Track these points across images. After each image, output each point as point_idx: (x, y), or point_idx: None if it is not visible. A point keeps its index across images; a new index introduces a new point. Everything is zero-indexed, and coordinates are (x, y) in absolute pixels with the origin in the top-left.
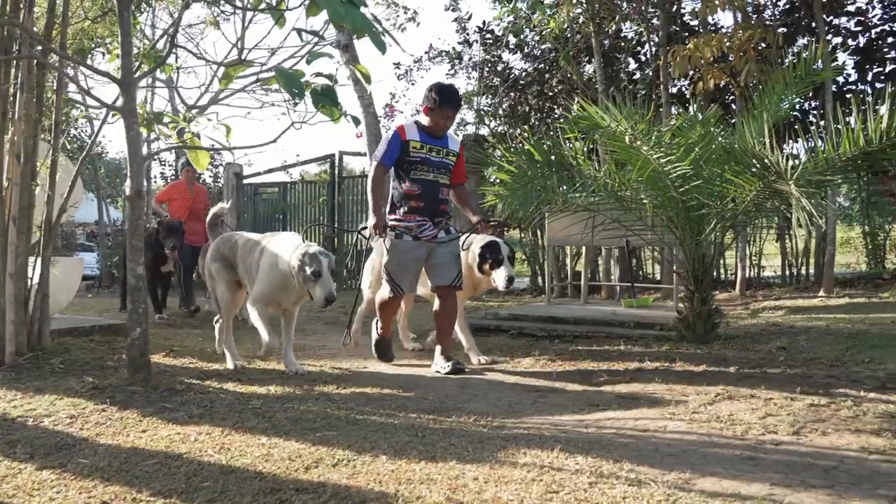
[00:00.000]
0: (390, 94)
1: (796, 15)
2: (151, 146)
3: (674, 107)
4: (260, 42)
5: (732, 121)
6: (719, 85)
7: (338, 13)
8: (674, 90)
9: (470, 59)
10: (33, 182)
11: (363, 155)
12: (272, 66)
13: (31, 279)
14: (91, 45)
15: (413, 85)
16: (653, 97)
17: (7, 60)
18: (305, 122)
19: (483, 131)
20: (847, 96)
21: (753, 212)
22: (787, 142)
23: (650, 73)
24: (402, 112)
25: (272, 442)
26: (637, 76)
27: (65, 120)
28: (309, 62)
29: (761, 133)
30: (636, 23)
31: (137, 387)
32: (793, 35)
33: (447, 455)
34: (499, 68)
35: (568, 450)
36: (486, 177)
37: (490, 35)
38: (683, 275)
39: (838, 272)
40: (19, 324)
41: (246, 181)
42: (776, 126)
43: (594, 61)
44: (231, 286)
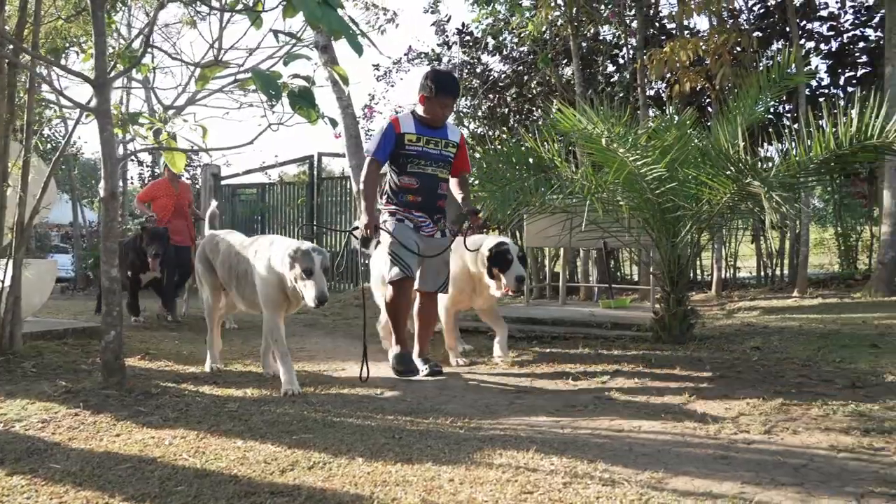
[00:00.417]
0: (369, 96)
1: (770, 19)
2: (127, 147)
3: (651, 109)
4: (237, 42)
5: (708, 123)
6: (695, 88)
7: (314, 15)
8: (651, 93)
9: (449, 61)
10: (5, 183)
11: (342, 156)
12: (249, 68)
13: (3, 281)
14: (65, 45)
15: (392, 87)
16: (630, 99)
17: None
18: (283, 124)
19: (462, 133)
20: (820, 100)
21: (728, 213)
22: (762, 144)
23: (627, 76)
24: (381, 113)
25: (248, 445)
26: (615, 79)
27: (38, 120)
28: (286, 64)
29: (736, 136)
30: (614, 26)
31: (112, 390)
32: (767, 39)
33: (423, 457)
34: (478, 70)
35: (543, 450)
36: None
37: (469, 37)
38: (659, 276)
39: (812, 273)
40: None
41: (224, 182)
42: (751, 129)
43: (572, 64)
44: (215, 290)
